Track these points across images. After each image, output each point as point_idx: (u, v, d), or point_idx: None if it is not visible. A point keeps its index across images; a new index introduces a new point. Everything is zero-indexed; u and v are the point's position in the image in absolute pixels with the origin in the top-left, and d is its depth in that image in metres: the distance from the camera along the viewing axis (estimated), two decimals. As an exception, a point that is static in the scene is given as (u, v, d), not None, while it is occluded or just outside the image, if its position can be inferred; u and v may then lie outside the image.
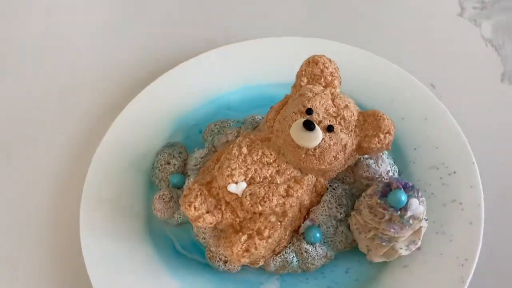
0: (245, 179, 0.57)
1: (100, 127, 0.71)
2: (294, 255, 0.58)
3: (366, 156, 0.63)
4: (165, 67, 0.75)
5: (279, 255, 0.58)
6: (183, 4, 0.88)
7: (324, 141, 0.57)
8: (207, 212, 0.58)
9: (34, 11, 0.85)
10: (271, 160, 0.58)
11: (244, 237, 0.57)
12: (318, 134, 0.56)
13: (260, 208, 0.55)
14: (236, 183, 0.57)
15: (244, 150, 0.59)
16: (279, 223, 0.57)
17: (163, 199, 0.65)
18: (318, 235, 0.57)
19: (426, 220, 0.59)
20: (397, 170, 0.65)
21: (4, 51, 0.82)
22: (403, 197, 0.54)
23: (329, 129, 0.57)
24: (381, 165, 0.62)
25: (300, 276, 0.60)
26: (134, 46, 0.84)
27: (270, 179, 0.57)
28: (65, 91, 0.78)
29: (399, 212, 0.55)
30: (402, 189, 0.55)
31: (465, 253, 0.58)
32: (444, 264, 0.57)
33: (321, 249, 0.60)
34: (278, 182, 0.57)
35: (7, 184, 0.70)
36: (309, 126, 0.56)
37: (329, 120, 0.58)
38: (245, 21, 0.83)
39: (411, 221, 0.55)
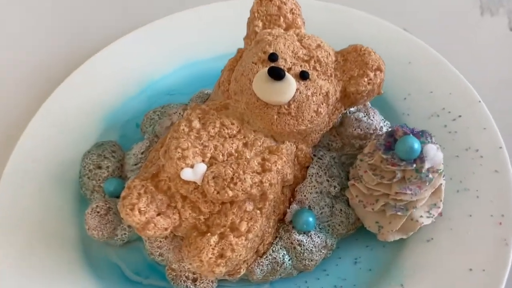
0: (203, 161, 0.42)
1: (9, 137, 0.60)
2: (285, 252, 0.44)
3: (352, 110, 0.49)
4: (83, 57, 0.64)
5: (265, 256, 0.43)
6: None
7: (300, 92, 0.43)
8: (158, 215, 0.42)
9: None
10: (234, 132, 0.44)
11: (215, 238, 0.41)
12: (290, 82, 0.42)
13: (231, 194, 0.40)
14: (192, 166, 0.41)
15: (196, 124, 0.44)
16: (258, 211, 0.42)
17: (98, 212, 0.49)
18: (311, 219, 0.44)
19: (443, 176, 0.46)
20: (390, 126, 0.52)
21: None
22: (416, 144, 0.41)
23: (303, 76, 0.43)
24: (373, 117, 0.48)
25: (297, 280, 0.48)
26: (42, 39, 0.71)
27: (237, 155, 0.43)
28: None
29: (414, 165, 0.41)
30: (411, 135, 0.41)
31: (499, 209, 0.46)
32: (477, 227, 0.46)
33: (318, 237, 0.46)
34: (248, 156, 0.42)
35: None
36: (276, 73, 0.42)
37: (301, 66, 0.44)
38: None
39: (430, 175, 0.42)
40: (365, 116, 0.48)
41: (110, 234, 0.49)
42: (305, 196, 0.46)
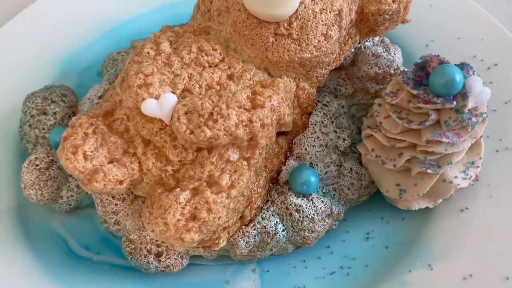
0: (173, 93, 0.31)
1: None
2: (278, 220, 0.34)
3: (368, 44, 0.39)
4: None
5: (252, 225, 0.33)
6: None
7: (304, 7, 0.33)
8: (111, 162, 0.31)
9: None
10: (217, 60, 0.34)
11: (186, 195, 0.30)
12: (292, -10, 0.32)
13: (209, 134, 0.30)
14: (157, 98, 0.30)
15: (166, 46, 0.34)
16: (245, 162, 0.32)
17: (36, 166, 0.38)
18: (312, 179, 0.34)
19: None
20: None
21: None
22: (458, 75, 0.30)
23: (309, -14, 0.33)
24: (395, 53, 0.38)
25: (292, 259, 0.39)
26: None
27: (218, 88, 0.32)
28: None
29: (454, 103, 0.31)
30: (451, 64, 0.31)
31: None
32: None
33: (322, 202, 0.35)
34: (234, 90, 0.32)
35: None
36: (275, -23, 0.31)
37: (306, -25, 0.34)
38: None
39: (473, 119, 0.32)
40: (384, 52, 0.38)
41: (52, 196, 0.39)
42: (305, 149, 0.36)
